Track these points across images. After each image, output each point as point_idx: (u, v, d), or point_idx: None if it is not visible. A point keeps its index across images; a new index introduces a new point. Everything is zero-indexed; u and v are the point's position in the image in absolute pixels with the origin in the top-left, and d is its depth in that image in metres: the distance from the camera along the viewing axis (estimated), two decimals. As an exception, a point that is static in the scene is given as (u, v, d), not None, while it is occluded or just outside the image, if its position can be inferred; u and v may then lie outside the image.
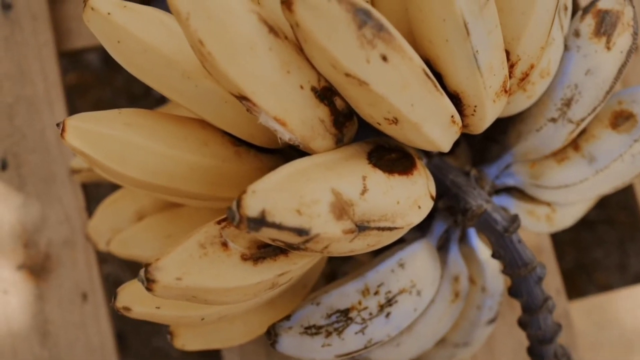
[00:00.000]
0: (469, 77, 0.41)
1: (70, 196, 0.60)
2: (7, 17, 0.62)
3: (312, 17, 0.36)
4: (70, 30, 0.63)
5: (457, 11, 0.38)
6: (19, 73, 0.61)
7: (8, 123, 0.60)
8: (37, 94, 0.61)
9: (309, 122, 0.40)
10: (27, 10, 0.62)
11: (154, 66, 0.42)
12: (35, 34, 0.61)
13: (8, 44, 0.61)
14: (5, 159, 0.60)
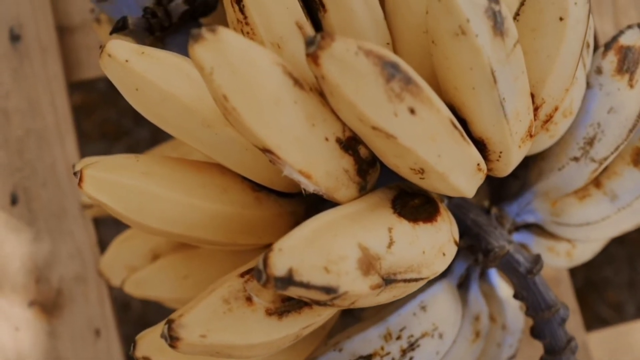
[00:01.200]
0: (495, 125, 0.40)
1: (82, 231, 0.59)
2: (16, 48, 0.61)
3: (339, 70, 0.35)
4: (80, 61, 0.63)
5: (485, 60, 0.38)
6: (29, 106, 0.60)
7: (18, 157, 0.59)
8: (48, 126, 0.60)
9: (333, 173, 0.39)
10: (36, 42, 0.61)
11: (173, 115, 0.41)
12: (44, 66, 0.60)
13: (17, 76, 0.60)
14: (15, 194, 0.59)
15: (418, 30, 0.43)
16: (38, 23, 0.61)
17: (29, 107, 0.60)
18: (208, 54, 0.35)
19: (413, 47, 0.43)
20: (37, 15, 0.61)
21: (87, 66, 0.63)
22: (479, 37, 0.37)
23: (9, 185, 0.59)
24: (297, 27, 0.43)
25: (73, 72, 0.62)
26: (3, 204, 0.59)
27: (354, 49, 0.35)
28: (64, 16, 0.63)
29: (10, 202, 0.59)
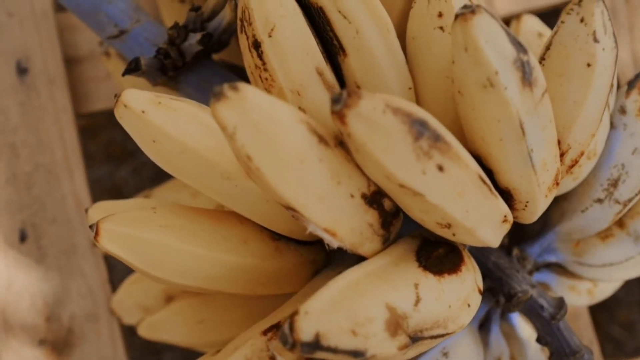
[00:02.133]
0: (522, 176, 0.39)
1: (93, 268, 0.58)
2: (23, 81, 0.60)
3: (366, 129, 0.34)
4: (88, 93, 0.61)
5: (513, 112, 0.37)
6: (37, 140, 0.59)
7: (27, 192, 0.58)
8: (56, 161, 0.59)
9: (358, 229, 0.38)
10: (43, 74, 0.60)
11: (191, 167, 0.40)
12: (52, 99, 0.59)
13: (25, 110, 0.59)
14: (24, 230, 0.58)
15: (441, 75, 0.42)
16: (45, 55, 0.60)
17: (37, 141, 0.59)
18: (231, 113, 0.34)
19: (436, 91, 0.42)
20: (44, 47, 0.60)
21: (96, 98, 0.61)
22: (508, 89, 0.36)
23: (18, 222, 0.58)
24: (317, 73, 0.41)
25: (81, 104, 0.61)
26: (12, 240, 0.58)
27: (382, 106, 0.34)
28: (72, 47, 0.62)
29: (19, 239, 0.58)
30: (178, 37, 0.48)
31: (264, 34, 0.41)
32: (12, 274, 0.57)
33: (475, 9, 0.36)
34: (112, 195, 0.88)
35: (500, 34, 0.36)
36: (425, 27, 0.42)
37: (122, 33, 0.50)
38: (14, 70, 0.60)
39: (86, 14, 0.51)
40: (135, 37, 0.50)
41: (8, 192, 0.58)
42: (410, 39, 0.43)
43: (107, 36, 0.51)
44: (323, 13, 0.42)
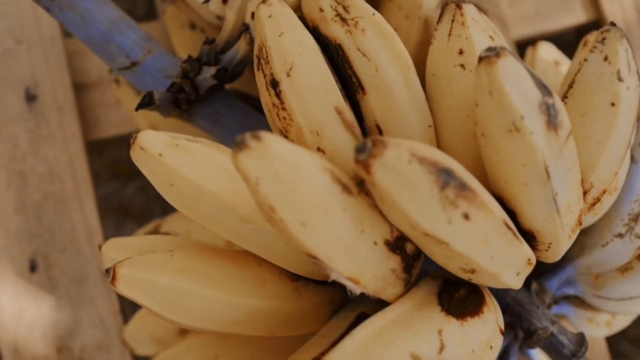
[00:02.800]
0: (546, 219, 0.38)
1: (104, 298, 0.57)
2: (31, 109, 0.59)
3: (392, 180, 0.33)
4: (98, 119, 0.61)
5: (539, 157, 0.36)
6: (46, 168, 0.58)
7: (36, 222, 0.58)
8: (66, 190, 0.58)
9: (380, 275, 0.37)
10: (52, 101, 0.59)
11: (210, 210, 0.39)
12: (61, 127, 0.59)
13: (34, 138, 0.58)
14: (34, 260, 0.57)
15: (462, 113, 0.41)
16: (54, 82, 0.59)
17: (47, 170, 0.58)
18: (253, 163, 0.33)
19: (456, 129, 0.42)
20: (53, 74, 0.59)
21: (105, 124, 0.61)
22: (534, 134, 0.36)
23: (28, 252, 0.57)
24: (337, 112, 0.41)
25: (91, 130, 0.60)
26: (22, 271, 0.57)
27: (407, 156, 0.33)
28: (81, 73, 0.61)
29: (29, 269, 0.57)
30: (192, 71, 0.47)
31: (282, 73, 0.40)
32: (22, 304, 0.57)
33: (500, 51, 0.35)
34: (118, 214, 0.88)
35: (526, 77, 0.36)
36: (445, 64, 0.42)
37: (134, 64, 0.50)
38: (22, 97, 0.59)
39: (97, 45, 0.50)
40: (147, 69, 0.50)
41: (18, 222, 0.57)
42: (430, 76, 0.42)
43: (118, 67, 0.50)
44: (342, 50, 0.41)
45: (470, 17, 0.42)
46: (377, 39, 0.41)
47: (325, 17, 0.41)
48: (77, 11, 0.50)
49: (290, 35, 0.41)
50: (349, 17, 0.41)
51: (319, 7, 0.42)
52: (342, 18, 0.41)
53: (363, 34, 0.41)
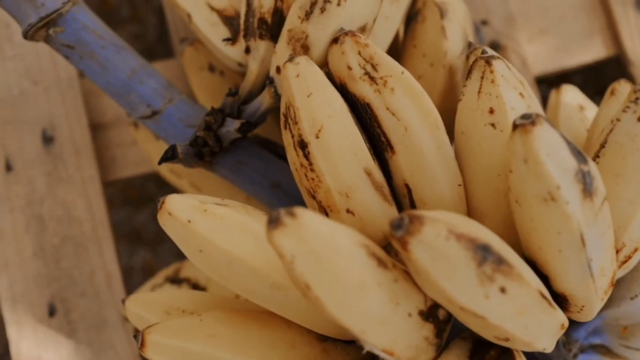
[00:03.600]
0: (580, 284, 0.38)
1: (124, 343, 0.57)
2: (49, 151, 0.58)
3: (429, 257, 0.33)
4: (115, 159, 0.60)
5: (574, 225, 0.36)
6: (64, 212, 0.58)
7: (55, 266, 0.57)
8: (84, 233, 0.58)
9: (414, 344, 0.37)
10: (70, 143, 0.58)
11: (239, 277, 0.39)
12: (79, 169, 0.58)
13: (51, 181, 0.58)
14: (53, 305, 0.57)
15: (492, 172, 0.41)
16: (71, 123, 0.59)
17: (65, 213, 0.58)
18: (288, 241, 0.33)
19: (486, 188, 0.41)
20: (70, 116, 0.59)
21: (123, 164, 0.60)
22: (570, 203, 0.35)
23: (47, 296, 0.57)
24: (366, 173, 0.40)
25: (108, 171, 0.60)
26: (41, 315, 0.56)
27: (445, 233, 0.33)
28: (97, 113, 0.60)
29: (48, 314, 0.57)
30: (215, 123, 0.47)
31: (310, 134, 0.40)
32: (42, 349, 0.56)
33: (535, 119, 0.35)
34: (130, 240, 0.87)
35: (561, 144, 0.35)
36: (475, 123, 0.41)
37: (155, 114, 0.49)
38: (39, 139, 0.58)
39: (117, 93, 0.49)
40: (169, 118, 0.49)
41: (36, 266, 0.57)
42: (459, 133, 0.42)
43: (139, 116, 0.50)
44: (370, 109, 0.41)
45: (500, 74, 0.41)
46: (407, 98, 0.40)
47: (354, 75, 0.41)
48: (97, 60, 0.49)
49: (319, 96, 0.40)
50: (378, 75, 0.41)
51: (346, 65, 0.41)
52: (370, 77, 0.41)
53: (392, 93, 0.40)
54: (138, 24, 0.90)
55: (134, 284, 0.88)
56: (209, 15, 0.51)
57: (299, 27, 0.43)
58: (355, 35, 0.41)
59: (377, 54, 0.41)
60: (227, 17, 0.51)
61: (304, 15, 0.43)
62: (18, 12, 0.49)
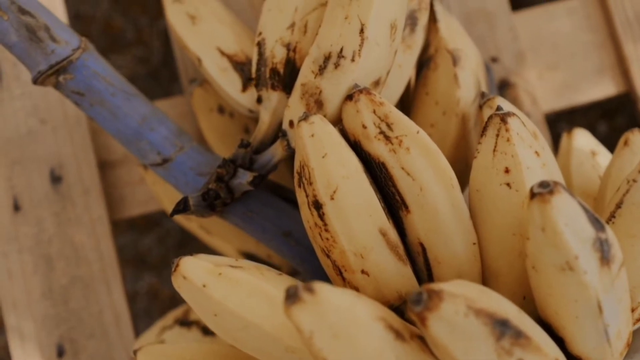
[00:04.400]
0: (596, 348, 0.38)
1: (133, 384, 0.56)
2: (57, 191, 0.58)
3: (448, 332, 0.33)
4: (123, 197, 0.60)
5: (592, 294, 0.35)
6: (73, 252, 0.57)
7: (63, 307, 0.57)
8: (93, 273, 0.57)
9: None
10: (78, 183, 0.58)
11: (254, 341, 0.38)
12: (87, 209, 0.58)
13: (60, 221, 0.58)
14: (61, 346, 0.57)
15: (507, 231, 0.41)
16: (79, 162, 0.58)
17: (73, 253, 0.57)
18: (307, 316, 0.32)
19: (501, 247, 0.41)
20: (78, 155, 0.58)
21: (132, 203, 0.60)
22: (588, 273, 0.35)
23: (55, 337, 0.57)
24: (381, 234, 0.40)
25: (117, 209, 0.60)
26: (49, 356, 0.56)
27: (464, 309, 0.33)
28: (106, 150, 0.60)
29: (56, 355, 0.56)
30: (227, 174, 0.46)
31: (325, 196, 0.40)
32: (50, 391, 0.56)
33: (554, 188, 0.35)
34: (135, 265, 0.87)
35: (579, 213, 0.35)
36: (490, 182, 0.41)
37: (166, 161, 0.49)
38: (47, 179, 0.58)
39: (127, 141, 0.49)
40: (179, 166, 0.49)
41: (44, 307, 0.57)
42: (474, 191, 0.42)
43: (149, 163, 0.49)
44: (385, 169, 0.41)
45: (515, 132, 0.41)
46: (422, 158, 0.40)
47: (369, 134, 0.41)
48: (108, 107, 0.49)
49: (334, 157, 0.40)
50: (393, 135, 0.40)
51: (361, 124, 0.41)
52: (385, 136, 0.40)
53: (407, 152, 0.40)
54: (143, 47, 0.89)
55: (139, 308, 0.88)
56: (220, 61, 0.51)
57: (313, 82, 0.43)
58: (370, 93, 0.41)
59: (392, 113, 0.41)
60: (237, 63, 0.51)
61: (317, 70, 0.43)
62: (28, 59, 0.49)
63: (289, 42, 0.46)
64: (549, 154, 0.44)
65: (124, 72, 0.88)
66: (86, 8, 0.88)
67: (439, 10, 0.51)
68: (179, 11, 0.54)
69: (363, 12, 0.42)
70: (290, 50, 0.46)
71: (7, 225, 0.57)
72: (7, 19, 0.48)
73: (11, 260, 0.57)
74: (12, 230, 0.57)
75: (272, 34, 0.47)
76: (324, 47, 0.43)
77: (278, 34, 0.47)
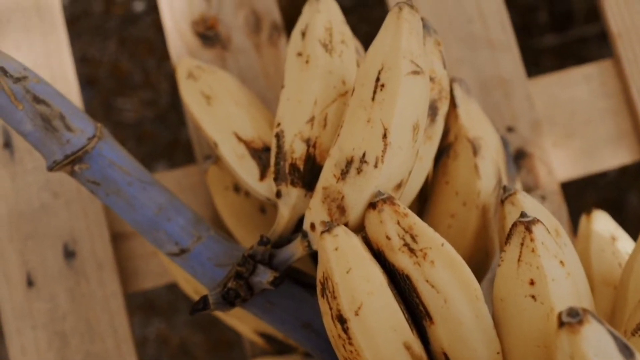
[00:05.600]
0: None
1: None
2: (71, 266, 0.58)
3: None
4: (137, 270, 0.60)
5: None
6: (87, 327, 0.57)
7: (78, 384, 0.57)
8: (107, 350, 0.57)
9: None
10: (91, 257, 0.58)
11: None
12: (101, 285, 0.57)
13: (74, 296, 0.57)
14: (76, 423, 0.56)
15: (531, 342, 0.40)
16: (93, 236, 0.58)
17: (87, 329, 0.57)
18: None
19: (525, 358, 0.41)
20: (91, 228, 0.58)
21: (145, 275, 0.60)
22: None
23: (70, 414, 0.56)
24: (405, 347, 0.40)
25: (130, 283, 0.59)
26: None
27: None
28: (118, 223, 0.59)
29: None
30: (246, 271, 0.46)
31: (350, 311, 0.39)
32: None
33: (583, 317, 0.34)
34: (144, 311, 0.87)
35: (609, 342, 0.35)
36: (515, 292, 0.40)
37: (183, 252, 0.48)
38: (61, 254, 0.58)
39: (144, 230, 0.49)
40: (197, 257, 0.48)
41: (59, 384, 0.56)
42: (499, 300, 0.41)
43: (166, 252, 0.49)
44: (409, 280, 0.40)
45: (540, 242, 0.41)
46: (446, 271, 0.40)
47: (393, 246, 0.40)
48: (124, 197, 0.48)
49: (359, 272, 0.39)
50: (417, 247, 0.40)
51: (385, 234, 0.40)
52: (410, 248, 0.40)
53: (432, 265, 0.40)
54: (150, 90, 0.88)
55: (148, 354, 0.87)
56: (236, 146, 0.50)
57: (335, 187, 0.43)
58: (394, 204, 0.41)
59: (417, 225, 0.40)
60: (255, 150, 0.50)
61: (339, 174, 0.43)
62: (43, 148, 0.48)
63: (308, 138, 0.46)
64: (572, 255, 0.43)
65: (131, 115, 0.87)
66: (93, 51, 0.87)
67: (458, 94, 0.51)
68: (194, 89, 0.53)
69: (386, 116, 0.42)
70: (310, 145, 0.46)
71: (21, 301, 0.57)
72: (22, 108, 0.48)
73: (25, 337, 0.57)
74: (25, 307, 0.57)
75: (291, 127, 0.46)
76: (346, 150, 0.42)
77: (297, 127, 0.46)
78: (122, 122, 0.86)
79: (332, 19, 0.50)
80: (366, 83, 0.43)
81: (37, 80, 0.49)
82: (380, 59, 0.43)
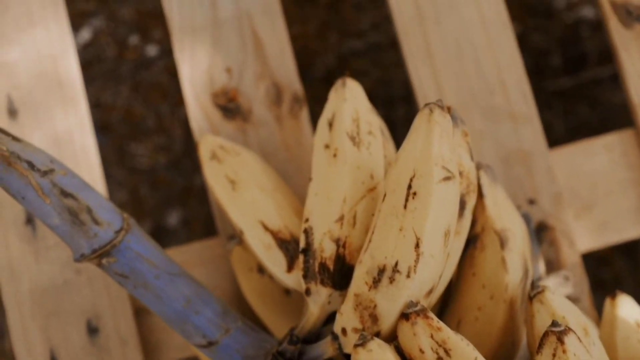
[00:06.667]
0: None
1: None
2: (94, 343, 0.58)
3: None
4: (160, 344, 0.60)
5: None
6: (111, 404, 0.57)
7: None
8: None
9: None
10: (115, 334, 0.58)
11: None
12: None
13: (97, 373, 0.57)
14: None
15: None
16: (116, 313, 0.58)
17: (112, 406, 0.57)
18: None
19: None
20: (114, 304, 0.58)
21: (168, 348, 0.60)
22: None
23: None
24: None
25: (153, 356, 0.59)
26: None
27: None
28: (141, 296, 0.60)
29: None
30: (276, 370, 0.46)
31: None
32: None
33: None
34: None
35: None
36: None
37: (211, 344, 0.49)
38: (84, 330, 0.58)
39: (172, 322, 0.49)
40: (225, 349, 0.49)
41: None
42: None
43: (195, 344, 0.49)
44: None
45: (572, 354, 0.41)
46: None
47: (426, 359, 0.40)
48: (152, 290, 0.48)
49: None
50: (451, 363, 0.40)
51: (418, 347, 0.41)
52: (443, 363, 0.40)
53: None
54: (164, 136, 0.88)
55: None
56: (263, 236, 0.50)
57: (367, 295, 0.43)
58: (427, 317, 0.41)
59: (451, 339, 0.40)
60: (282, 241, 0.50)
61: (371, 282, 0.43)
62: (71, 241, 0.48)
63: (338, 237, 0.46)
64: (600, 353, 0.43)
65: (145, 161, 0.87)
66: (106, 96, 0.87)
67: (484, 182, 0.51)
68: (218, 173, 0.53)
69: (418, 225, 0.42)
70: (339, 245, 0.46)
71: (45, 378, 0.57)
72: (49, 202, 0.48)
73: (49, 414, 0.57)
74: (49, 384, 0.57)
75: (320, 224, 0.46)
76: (378, 258, 0.43)
77: (326, 225, 0.46)
78: (135, 168, 0.86)
79: (359, 107, 0.50)
80: (397, 190, 0.43)
81: (64, 173, 0.49)
82: (411, 165, 0.43)
